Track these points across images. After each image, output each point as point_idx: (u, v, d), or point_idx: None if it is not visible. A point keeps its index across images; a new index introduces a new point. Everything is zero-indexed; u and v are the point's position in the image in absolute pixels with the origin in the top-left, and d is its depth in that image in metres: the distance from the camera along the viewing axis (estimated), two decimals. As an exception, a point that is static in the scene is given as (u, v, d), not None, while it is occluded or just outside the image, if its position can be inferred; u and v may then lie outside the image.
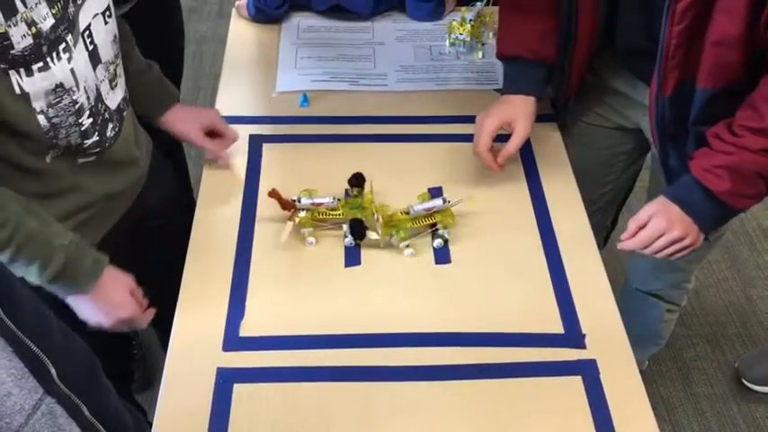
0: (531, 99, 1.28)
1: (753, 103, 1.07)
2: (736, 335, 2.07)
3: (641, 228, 1.15)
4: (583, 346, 1.08)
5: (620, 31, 1.23)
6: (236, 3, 1.70)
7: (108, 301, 1.04)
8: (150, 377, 1.83)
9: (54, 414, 0.62)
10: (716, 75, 1.09)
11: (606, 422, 0.99)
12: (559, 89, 1.33)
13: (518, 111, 1.26)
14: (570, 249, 1.21)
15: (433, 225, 1.21)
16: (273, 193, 1.19)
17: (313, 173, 1.31)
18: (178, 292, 1.13)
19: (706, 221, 1.14)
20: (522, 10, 1.27)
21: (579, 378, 1.04)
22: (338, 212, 1.20)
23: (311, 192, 1.23)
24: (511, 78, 1.31)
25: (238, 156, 1.35)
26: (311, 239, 1.20)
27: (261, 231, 1.22)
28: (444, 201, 1.20)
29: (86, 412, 0.66)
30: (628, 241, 1.16)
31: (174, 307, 1.12)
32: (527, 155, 1.37)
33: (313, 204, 1.20)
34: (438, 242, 1.20)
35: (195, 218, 1.24)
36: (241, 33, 1.65)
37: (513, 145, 1.25)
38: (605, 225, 1.63)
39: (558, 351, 1.07)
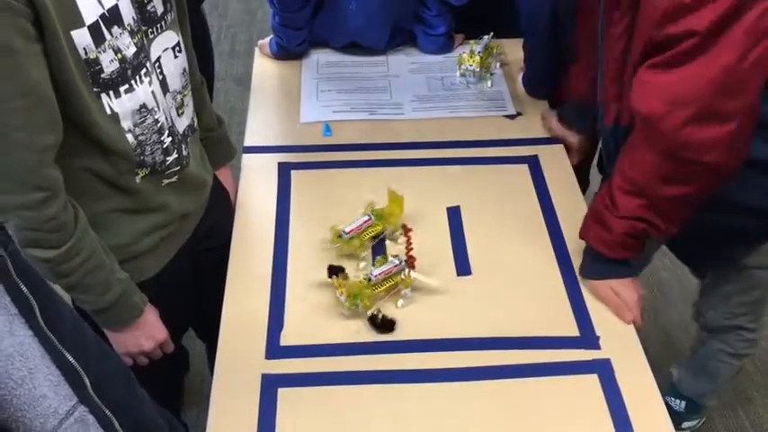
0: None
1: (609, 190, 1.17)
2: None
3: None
4: (597, 347, 1.16)
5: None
6: (259, 42, 1.81)
7: (149, 327, 1.17)
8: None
9: (86, 422, 0.66)
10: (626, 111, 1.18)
11: (622, 415, 1.07)
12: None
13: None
14: (581, 259, 1.29)
15: (394, 287, 1.22)
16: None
17: (338, 196, 1.41)
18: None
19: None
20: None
21: (595, 376, 1.12)
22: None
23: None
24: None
25: (269, 181, 1.45)
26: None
27: (294, 250, 1.31)
28: (400, 262, 1.22)
29: (117, 426, 0.69)
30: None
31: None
32: (537, 175, 1.47)
33: None
34: (401, 303, 1.22)
35: (233, 240, 1.33)
36: (265, 70, 1.76)
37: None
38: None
39: (575, 352, 1.16)
